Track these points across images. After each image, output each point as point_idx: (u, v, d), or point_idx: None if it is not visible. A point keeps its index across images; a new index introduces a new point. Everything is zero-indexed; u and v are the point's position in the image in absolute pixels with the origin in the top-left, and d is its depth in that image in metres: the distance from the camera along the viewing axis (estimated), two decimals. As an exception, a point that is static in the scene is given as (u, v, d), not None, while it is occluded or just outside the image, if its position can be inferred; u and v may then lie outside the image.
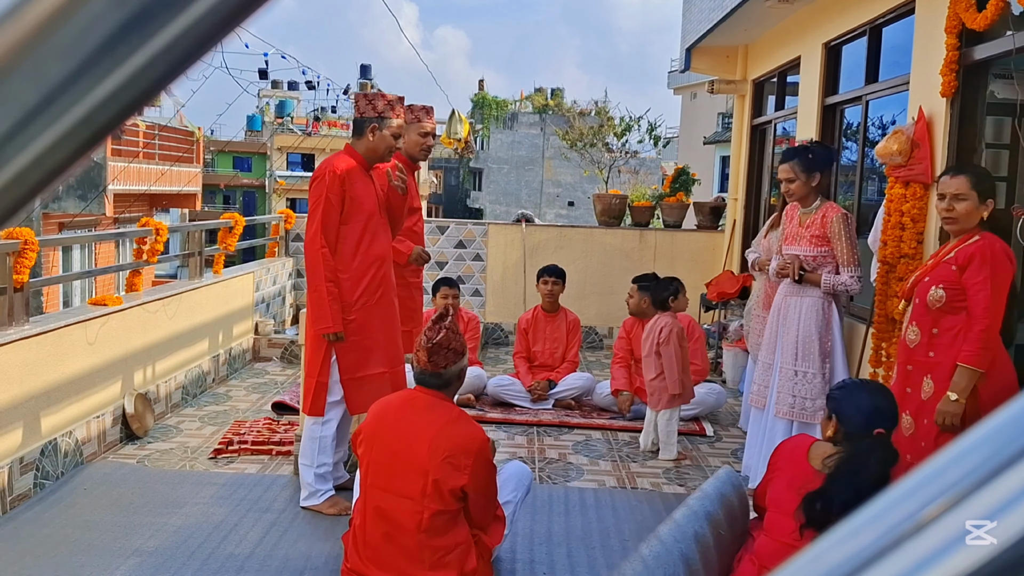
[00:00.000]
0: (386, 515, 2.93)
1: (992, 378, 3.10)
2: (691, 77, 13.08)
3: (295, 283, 8.48)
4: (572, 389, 5.95)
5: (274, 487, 4.22)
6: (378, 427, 3.02)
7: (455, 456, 2.84)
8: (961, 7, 3.86)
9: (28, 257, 4.12)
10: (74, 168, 0.33)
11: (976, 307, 3.08)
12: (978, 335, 3.05)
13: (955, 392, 3.07)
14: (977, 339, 3.05)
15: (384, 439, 2.97)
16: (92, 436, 4.54)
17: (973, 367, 3.05)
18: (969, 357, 3.06)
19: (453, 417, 2.96)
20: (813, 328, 4.05)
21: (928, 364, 3.24)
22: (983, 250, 3.09)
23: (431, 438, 2.87)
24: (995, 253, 3.07)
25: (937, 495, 0.33)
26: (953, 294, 3.14)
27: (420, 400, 3.00)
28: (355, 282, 3.91)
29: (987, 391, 3.09)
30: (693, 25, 8.14)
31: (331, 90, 26.33)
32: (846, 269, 4.02)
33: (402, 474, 2.89)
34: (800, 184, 4.11)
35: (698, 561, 2.43)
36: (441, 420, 2.92)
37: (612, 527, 3.89)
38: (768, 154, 7.76)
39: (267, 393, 6.10)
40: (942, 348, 3.17)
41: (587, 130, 11.44)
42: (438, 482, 2.83)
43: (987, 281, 3.05)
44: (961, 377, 3.08)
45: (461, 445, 2.87)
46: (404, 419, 2.97)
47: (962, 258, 3.15)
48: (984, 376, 3.08)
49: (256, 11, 0.32)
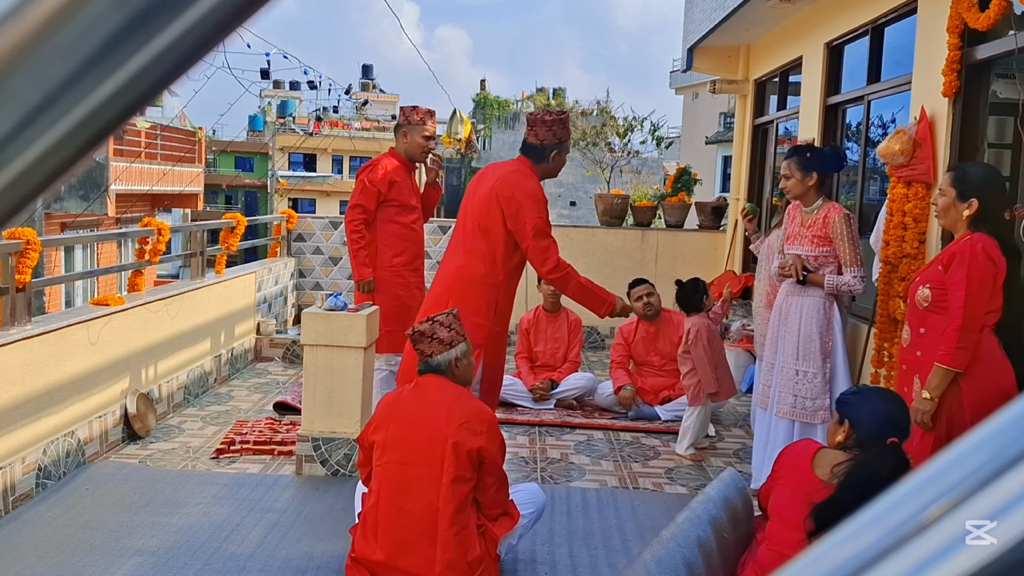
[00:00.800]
0: (403, 489, 3.02)
1: (980, 380, 3.04)
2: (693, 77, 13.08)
3: (297, 283, 8.49)
4: (574, 389, 5.95)
5: (276, 487, 4.23)
6: (392, 411, 3.15)
7: (471, 422, 3.03)
8: (963, 7, 3.86)
9: (30, 257, 4.13)
10: (76, 168, 0.33)
11: (952, 306, 3.05)
12: (952, 334, 3.02)
13: (927, 390, 3.05)
14: (952, 337, 3.01)
15: (400, 418, 3.10)
16: (94, 436, 4.55)
17: (947, 366, 3.02)
18: (943, 356, 3.03)
19: (464, 394, 3.18)
20: (814, 327, 4.04)
21: (916, 363, 3.23)
22: (963, 249, 3.07)
23: (447, 408, 3.05)
24: (975, 252, 3.03)
25: (938, 496, 0.33)
26: (938, 293, 3.12)
27: (431, 382, 3.18)
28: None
29: (972, 394, 3.04)
30: (695, 25, 8.13)
31: (333, 90, 26.33)
32: (849, 269, 4.01)
33: (421, 445, 3.02)
34: (796, 182, 4.10)
35: (701, 565, 2.43)
36: (453, 395, 3.12)
37: (614, 527, 3.89)
38: (770, 154, 7.75)
39: (269, 393, 6.10)
40: (928, 347, 3.15)
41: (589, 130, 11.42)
42: (457, 445, 2.98)
43: (963, 280, 3.01)
44: (934, 375, 3.05)
45: (475, 414, 3.08)
46: (418, 398, 3.14)
47: (946, 257, 3.15)
48: (968, 377, 3.03)
49: (257, 12, 0.32)
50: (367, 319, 4.29)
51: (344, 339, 4.26)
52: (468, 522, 3.03)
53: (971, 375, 3.05)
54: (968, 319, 3.01)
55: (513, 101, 39.35)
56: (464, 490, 3.02)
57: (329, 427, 4.37)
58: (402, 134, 5.02)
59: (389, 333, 4.83)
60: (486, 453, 3.03)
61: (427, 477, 3.00)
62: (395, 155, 5.03)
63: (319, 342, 4.28)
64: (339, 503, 4.03)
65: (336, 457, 4.38)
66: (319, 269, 8.54)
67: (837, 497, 2.45)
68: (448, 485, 2.97)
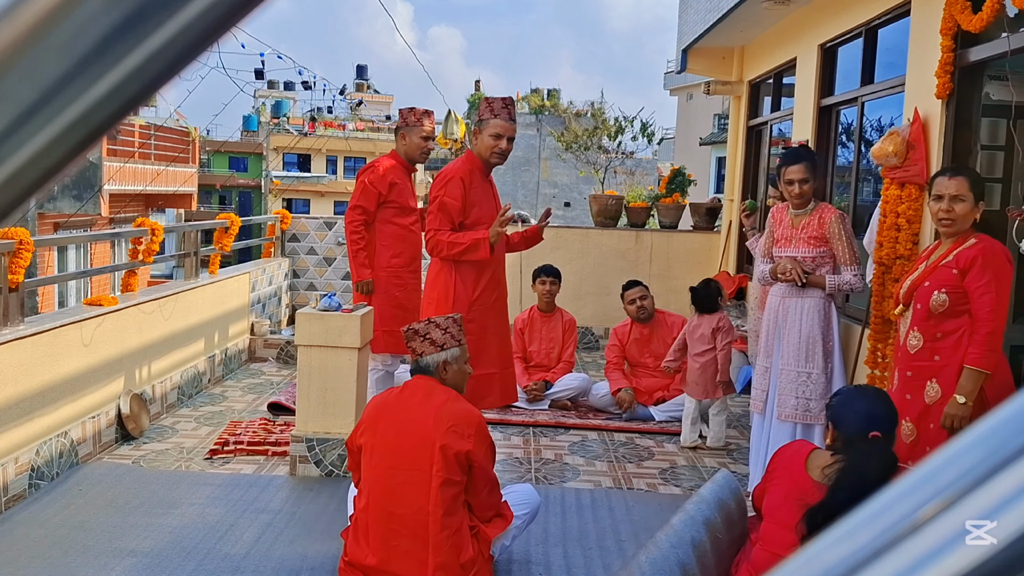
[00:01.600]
0: (392, 493, 3.01)
1: (995, 379, 3.12)
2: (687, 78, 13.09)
3: (291, 283, 8.48)
4: (568, 390, 5.95)
5: (270, 488, 4.22)
6: (380, 414, 3.14)
7: (459, 425, 3.01)
8: (956, 9, 3.87)
9: (23, 257, 4.12)
10: (70, 168, 0.33)
11: (982, 310, 3.09)
12: (985, 337, 3.06)
13: (962, 395, 3.08)
14: (984, 341, 3.06)
15: (387, 421, 3.09)
16: (87, 436, 4.53)
17: (980, 369, 3.06)
18: (977, 359, 3.07)
19: (453, 397, 3.15)
20: (817, 328, 4.05)
21: (933, 368, 3.24)
22: (985, 253, 3.10)
23: (435, 411, 3.03)
24: (996, 255, 3.09)
25: (935, 494, 0.33)
26: (956, 298, 3.15)
27: (419, 385, 3.16)
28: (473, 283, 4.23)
29: (992, 392, 3.11)
30: (689, 26, 8.15)
31: (327, 90, 26.32)
32: (848, 268, 4.02)
33: (409, 448, 3.01)
34: (811, 185, 4.10)
35: (695, 567, 2.43)
36: (441, 399, 3.10)
37: (608, 527, 3.89)
38: (764, 155, 7.77)
39: (263, 394, 6.09)
40: (947, 351, 3.18)
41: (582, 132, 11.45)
42: (445, 448, 2.96)
43: (991, 284, 3.07)
44: (968, 379, 3.09)
45: (463, 417, 3.06)
46: (405, 401, 3.13)
47: (963, 262, 3.15)
48: (989, 377, 3.09)
49: (251, 12, 0.32)
50: (361, 320, 4.29)
51: (338, 340, 4.25)
52: (460, 524, 3.03)
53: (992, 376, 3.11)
54: (999, 322, 3.07)
55: (508, 102, 39.30)
56: (453, 492, 3.01)
57: (323, 428, 4.36)
58: (401, 136, 5.03)
59: (386, 333, 4.83)
60: (474, 457, 3.01)
61: (416, 481, 2.99)
62: (395, 157, 5.04)
63: (313, 343, 4.28)
64: (333, 504, 4.02)
65: (330, 458, 4.37)
66: (313, 269, 8.53)
67: (828, 500, 2.45)
68: (437, 488, 2.96)
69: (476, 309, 4.19)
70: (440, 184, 4.22)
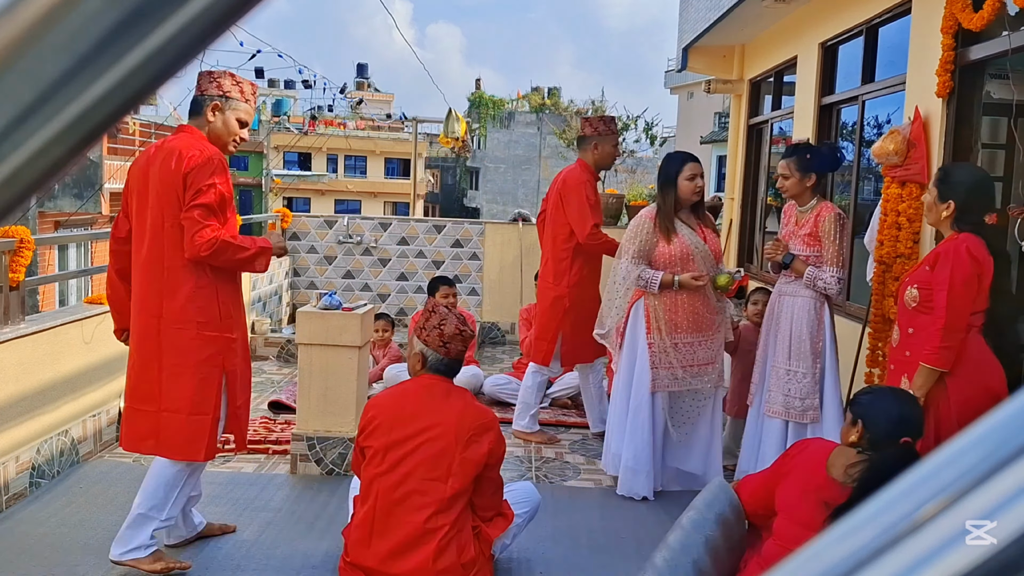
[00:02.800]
0: (404, 499, 2.99)
1: (966, 380, 3.05)
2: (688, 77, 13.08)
3: (291, 282, 8.48)
4: (568, 388, 5.95)
5: (271, 486, 4.22)
6: (398, 413, 3.09)
7: (478, 432, 3.04)
8: (957, 7, 3.87)
9: (24, 256, 4.12)
10: (70, 166, 0.33)
11: (936, 305, 3.07)
12: (936, 333, 3.03)
13: (913, 390, 3.05)
14: (935, 337, 3.02)
15: (406, 423, 3.06)
16: (88, 435, 4.54)
17: (931, 366, 3.03)
18: (927, 356, 3.04)
19: (468, 400, 3.18)
20: (804, 328, 4.03)
21: (905, 363, 3.23)
22: (947, 249, 3.09)
23: (456, 419, 3.03)
24: (958, 252, 3.04)
25: (935, 494, 0.33)
26: (925, 294, 3.14)
27: (438, 387, 3.14)
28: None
29: (959, 393, 3.04)
30: (690, 25, 8.14)
31: (327, 89, 26.31)
32: (828, 268, 3.97)
33: (428, 458, 3.00)
34: (794, 182, 4.08)
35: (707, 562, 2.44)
36: (461, 403, 3.11)
37: (609, 526, 3.89)
38: (765, 154, 7.76)
39: (263, 392, 6.09)
40: (916, 347, 3.16)
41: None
42: (465, 461, 2.99)
43: (946, 280, 3.03)
44: (919, 375, 3.07)
45: (482, 423, 3.08)
46: (426, 404, 3.09)
47: (931, 258, 3.17)
48: (954, 377, 3.04)
49: (249, 11, 0.32)
50: (361, 318, 4.29)
51: (339, 338, 4.26)
52: (464, 526, 3.03)
53: (957, 375, 3.05)
54: (952, 318, 3.01)
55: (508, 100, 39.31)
56: (464, 500, 3.04)
57: (324, 426, 4.36)
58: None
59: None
60: (490, 464, 3.06)
61: (429, 489, 2.99)
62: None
63: (314, 341, 4.28)
64: (334, 502, 4.03)
65: (331, 456, 4.37)
66: (314, 268, 8.53)
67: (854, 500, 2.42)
68: (449, 498, 2.97)
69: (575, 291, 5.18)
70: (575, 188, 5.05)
